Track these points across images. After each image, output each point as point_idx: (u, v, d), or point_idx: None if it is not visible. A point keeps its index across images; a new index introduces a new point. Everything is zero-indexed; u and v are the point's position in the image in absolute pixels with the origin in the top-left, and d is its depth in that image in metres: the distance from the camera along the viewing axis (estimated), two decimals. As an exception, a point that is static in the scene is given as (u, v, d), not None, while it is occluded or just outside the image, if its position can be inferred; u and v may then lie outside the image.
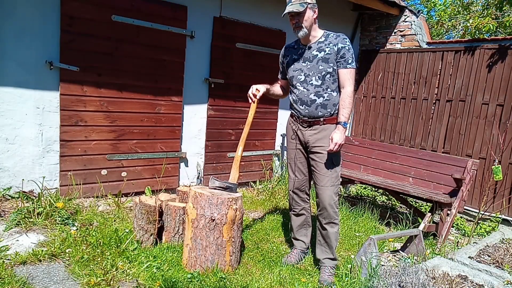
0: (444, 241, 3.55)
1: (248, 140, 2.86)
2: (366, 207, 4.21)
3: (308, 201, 3.00)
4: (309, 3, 2.58)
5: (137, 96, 4.04)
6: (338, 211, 2.78)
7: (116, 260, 2.58)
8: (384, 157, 4.49)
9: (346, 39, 2.66)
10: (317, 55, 2.66)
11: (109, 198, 3.88)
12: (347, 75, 2.63)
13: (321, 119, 2.69)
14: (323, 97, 2.66)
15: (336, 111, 2.70)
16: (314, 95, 2.67)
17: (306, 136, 2.76)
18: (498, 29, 7.43)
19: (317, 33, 2.70)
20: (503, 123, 4.59)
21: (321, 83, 2.66)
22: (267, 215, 3.97)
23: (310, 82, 2.68)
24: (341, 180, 4.46)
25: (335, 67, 2.64)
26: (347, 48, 2.62)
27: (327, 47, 2.64)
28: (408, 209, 4.29)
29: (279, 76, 3.02)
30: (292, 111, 2.86)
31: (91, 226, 3.16)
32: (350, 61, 2.63)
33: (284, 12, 2.59)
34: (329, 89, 2.66)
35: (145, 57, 4.02)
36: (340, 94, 2.69)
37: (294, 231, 3.05)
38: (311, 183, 2.95)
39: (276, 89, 3.00)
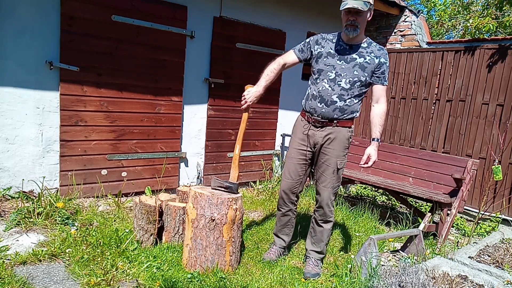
0: (444, 241, 3.55)
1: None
2: (366, 207, 4.21)
3: (296, 203, 2.94)
4: (371, 4, 2.48)
5: (137, 96, 4.04)
6: (334, 210, 2.83)
7: (116, 260, 2.58)
8: (384, 157, 4.49)
9: (387, 54, 2.64)
10: (356, 59, 2.58)
11: (109, 198, 3.88)
12: (383, 92, 2.66)
13: (335, 121, 2.64)
14: (345, 101, 2.60)
15: (352, 116, 2.67)
16: (336, 97, 2.59)
17: (317, 137, 2.69)
18: (498, 29, 7.43)
19: (361, 36, 2.60)
20: (503, 123, 4.59)
21: (348, 88, 2.58)
22: (267, 215, 3.97)
23: (338, 83, 2.59)
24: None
25: (368, 78, 2.60)
26: (387, 64, 2.63)
27: (368, 56, 2.58)
28: (408, 209, 4.29)
29: (295, 53, 2.73)
30: (305, 108, 2.74)
31: (91, 226, 3.16)
32: (387, 78, 2.65)
33: (346, 6, 2.41)
34: (353, 96, 2.61)
35: (145, 57, 4.02)
36: (361, 102, 2.68)
37: (277, 228, 3.03)
38: (304, 187, 2.93)
39: (271, 78, 2.74)
